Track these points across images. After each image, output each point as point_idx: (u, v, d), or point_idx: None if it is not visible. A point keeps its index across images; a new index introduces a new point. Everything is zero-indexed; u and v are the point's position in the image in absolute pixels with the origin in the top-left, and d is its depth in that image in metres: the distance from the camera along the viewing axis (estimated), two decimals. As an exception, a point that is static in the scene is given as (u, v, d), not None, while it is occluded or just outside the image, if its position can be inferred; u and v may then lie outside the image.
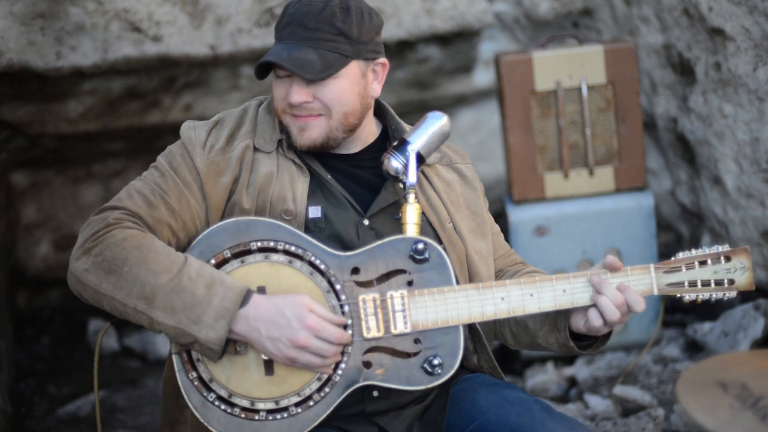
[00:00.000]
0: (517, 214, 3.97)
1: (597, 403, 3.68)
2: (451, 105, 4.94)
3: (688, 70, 4.03)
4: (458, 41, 4.50)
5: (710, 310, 4.16)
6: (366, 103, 2.33)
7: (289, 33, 2.26)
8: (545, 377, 3.90)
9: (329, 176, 2.31)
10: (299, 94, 2.25)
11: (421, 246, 2.17)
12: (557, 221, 3.96)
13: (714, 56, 3.84)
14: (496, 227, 2.52)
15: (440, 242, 2.31)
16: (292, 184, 2.27)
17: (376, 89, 2.35)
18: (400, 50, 4.41)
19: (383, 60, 2.35)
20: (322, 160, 2.33)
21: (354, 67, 2.28)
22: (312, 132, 2.28)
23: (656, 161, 4.45)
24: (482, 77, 4.77)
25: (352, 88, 2.28)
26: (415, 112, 4.79)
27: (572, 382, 3.91)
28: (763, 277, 3.84)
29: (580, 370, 3.90)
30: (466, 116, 5.04)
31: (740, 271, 2.22)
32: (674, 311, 4.27)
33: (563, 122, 3.95)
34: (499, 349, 4.15)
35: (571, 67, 3.92)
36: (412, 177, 2.26)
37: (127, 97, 4.21)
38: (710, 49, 3.85)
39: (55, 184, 4.70)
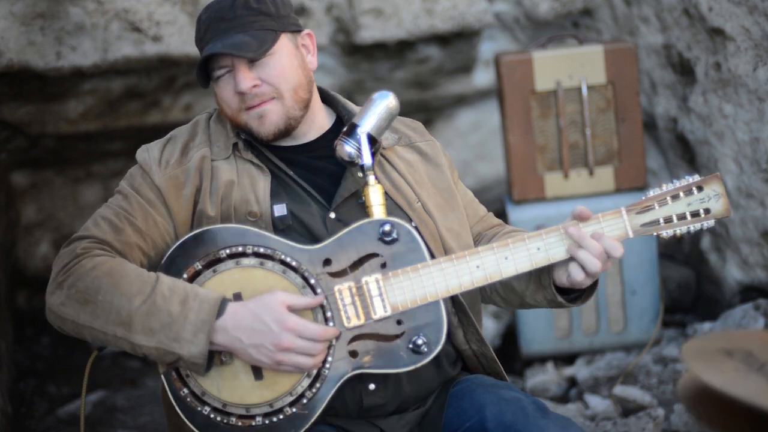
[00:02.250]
0: (517, 214, 3.96)
1: (597, 403, 3.68)
2: (451, 105, 4.94)
3: (688, 70, 4.03)
4: (458, 41, 4.50)
5: (710, 310, 4.16)
6: (309, 76, 2.35)
7: (212, 33, 2.28)
8: (545, 377, 3.90)
9: (291, 171, 2.31)
10: (245, 79, 2.26)
11: (388, 227, 2.16)
12: (557, 221, 3.90)
13: (714, 56, 3.84)
14: (469, 194, 2.50)
15: (411, 222, 2.29)
16: (253, 186, 2.26)
17: (312, 62, 2.38)
18: (400, 50, 4.41)
19: (308, 31, 2.39)
20: (280, 155, 2.33)
21: (285, 41, 2.31)
22: (271, 117, 2.28)
23: (656, 161, 4.45)
24: (482, 77, 4.77)
25: (292, 61, 2.31)
26: (415, 112, 4.80)
27: (572, 382, 3.91)
28: (763, 277, 3.84)
29: (580, 370, 3.90)
30: (466, 116, 5.03)
31: (714, 199, 2.18)
32: (674, 311, 4.27)
33: (563, 122, 3.95)
34: (500, 349, 4.15)
35: (571, 67, 3.92)
36: (367, 159, 2.24)
37: (127, 97, 4.21)
38: (710, 49, 3.85)
39: (55, 184, 4.70)
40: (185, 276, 2.15)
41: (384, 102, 2.30)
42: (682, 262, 4.40)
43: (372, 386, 2.23)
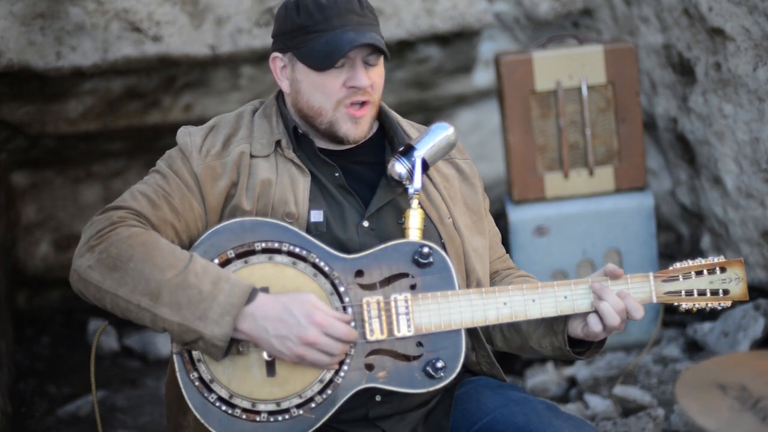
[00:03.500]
0: (517, 214, 3.96)
1: (597, 403, 3.68)
2: (451, 105, 4.94)
3: (688, 70, 4.03)
4: (458, 41, 4.50)
5: (710, 310, 4.15)
6: None
7: (344, 21, 2.25)
8: (545, 377, 3.90)
9: (337, 173, 2.30)
10: (366, 77, 2.26)
11: (426, 250, 2.18)
12: (557, 221, 3.95)
13: (714, 56, 3.84)
14: (496, 229, 2.52)
15: (440, 237, 2.31)
16: (293, 187, 2.26)
17: None
18: (400, 50, 4.41)
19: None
20: (323, 157, 2.32)
21: None
22: (364, 123, 2.30)
23: (656, 161, 4.45)
24: (482, 77, 4.77)
25: (384, 75, 2.34)
26: (415, 112, 4.79)
27: (572, 382, 3.91)
28: (763, 277, 3.84)
29: (580, 370, 3.90)
30: (466, 116, 5.03)
31: (735, 282, 2.29)
32: (674, 311, 4.26)
33: (563, 122, 3.94)
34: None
35: (571, 67, 3.92)
36: (417, 183, 2.26)
37: (127, 97, 4.21)
38: (710, 49, 3.85)
39: (55, 184, 4.70)
40: (216, 261, 2.14)
41: (444, 133, 2.32)
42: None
43: (378, 398, 2.23)
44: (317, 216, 2.25)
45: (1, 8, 3.68)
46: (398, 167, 2.26)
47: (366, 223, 2.27)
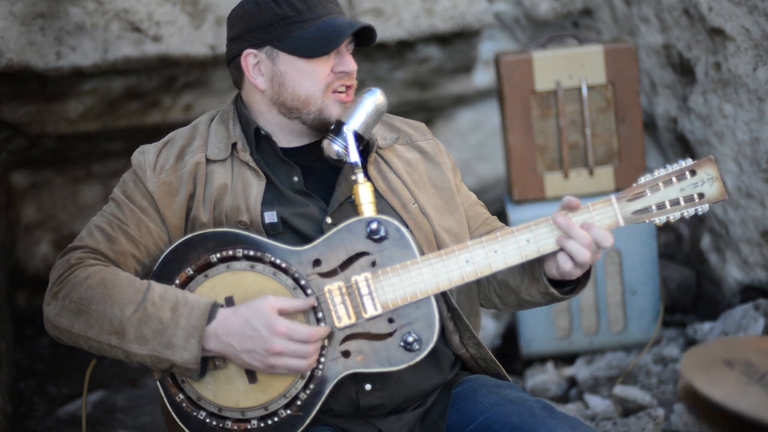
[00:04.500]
0: (517, 214, 3.96)
1: (597, 403, 3.68)
2: (451, 105, 4.94)
3: (688, 70, 4.03)
4: (458, 41, 4.50)
5: (710, 310, 4.16)
6: None
7: (326, 9, 2.29)
8: (545, 377, 3.90)
9: (296, 177, 2.30)
10: (353, 62, 2.30)
11: (375, 225, 2.14)
12: (557, 221, 3.95)
13: (714, 56, 3.84)
14: (472, 197, 2.48)
15: (405, 225, 2.28)
16: (246, 193, 2.25)
17: None
18: (400, 50, 4.41)
19: None
20: (281, 157, 2.31)
21: None
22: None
23: (656, 161, 4.45)
24: (482, 77, 4.77)
25: None
26: (415, 112, 4.80)
27: (572, 382, 3.91)
28: (763, 277, 3.84)
29: (580, 370, 3.90)
30: (466, 116, 5.04)
31: (708, 183, 2.11)
32: (674, 311, 4.27)
33: (563, 122, 3.95)
34: (500, 349, 4.15)
35: (571, 67, 3.92)
36: (353, 156, 2.23)
37: (127, 97, 4.21)
38: (710, 49, 3.86)
39: (55, 184, 4.70)
40: (177, 281, 2.15)
41: (371, 99, 2.29)
42: (682, 262, 4.40)
43: (368, 386, 2.23)
44: (270, 217, 2.24)
45: (1, 8, 3.68)
46: (333, 146, 2.24)
47: (329, 220, 2.26)
